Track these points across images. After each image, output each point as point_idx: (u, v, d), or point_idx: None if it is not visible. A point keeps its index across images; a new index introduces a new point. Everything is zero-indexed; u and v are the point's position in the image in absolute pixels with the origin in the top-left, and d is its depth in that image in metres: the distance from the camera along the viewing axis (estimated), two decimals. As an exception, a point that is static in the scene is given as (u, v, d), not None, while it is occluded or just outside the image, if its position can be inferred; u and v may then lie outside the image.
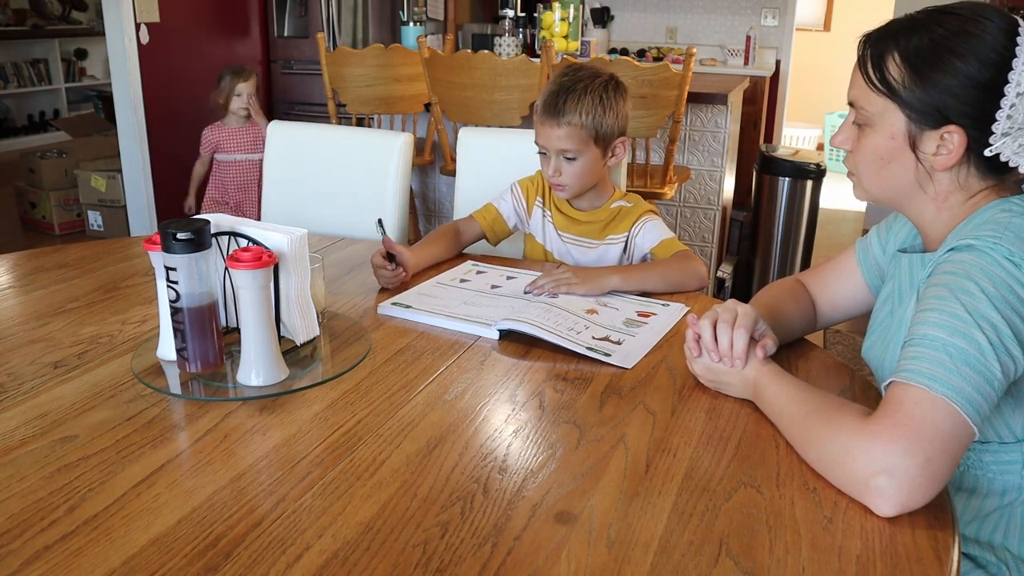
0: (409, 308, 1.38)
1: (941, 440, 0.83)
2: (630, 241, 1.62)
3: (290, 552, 0.78)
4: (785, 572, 0.77)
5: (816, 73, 6.88)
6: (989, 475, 1.03)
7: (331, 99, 3.37)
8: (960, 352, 0.86)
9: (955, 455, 0.84)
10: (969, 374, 0.85)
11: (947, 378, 0.85)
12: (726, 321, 1.07)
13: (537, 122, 1.58)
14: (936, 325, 0.89)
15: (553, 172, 1.57)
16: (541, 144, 1.58)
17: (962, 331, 0.87)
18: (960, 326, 0.88)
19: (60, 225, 4.60)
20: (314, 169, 2.06)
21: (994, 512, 1.03)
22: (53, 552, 0.78)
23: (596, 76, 1.56)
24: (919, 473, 0.82)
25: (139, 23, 3.99)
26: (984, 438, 1.01)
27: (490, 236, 1.71)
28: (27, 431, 0.99)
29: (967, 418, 0.84)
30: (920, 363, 0.87)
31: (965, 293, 0.89)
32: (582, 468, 0.93)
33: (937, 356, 0.87)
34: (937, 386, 0.85)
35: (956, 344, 0.87)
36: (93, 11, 7.13)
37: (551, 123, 1.54)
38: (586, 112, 1.52)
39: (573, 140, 1.53)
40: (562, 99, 1.53)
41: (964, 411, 0.84)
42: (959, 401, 0.84)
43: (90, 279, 1.53)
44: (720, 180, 3.44)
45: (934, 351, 0.87)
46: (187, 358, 1.10)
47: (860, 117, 1.03)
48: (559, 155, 1.55)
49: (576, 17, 5.14)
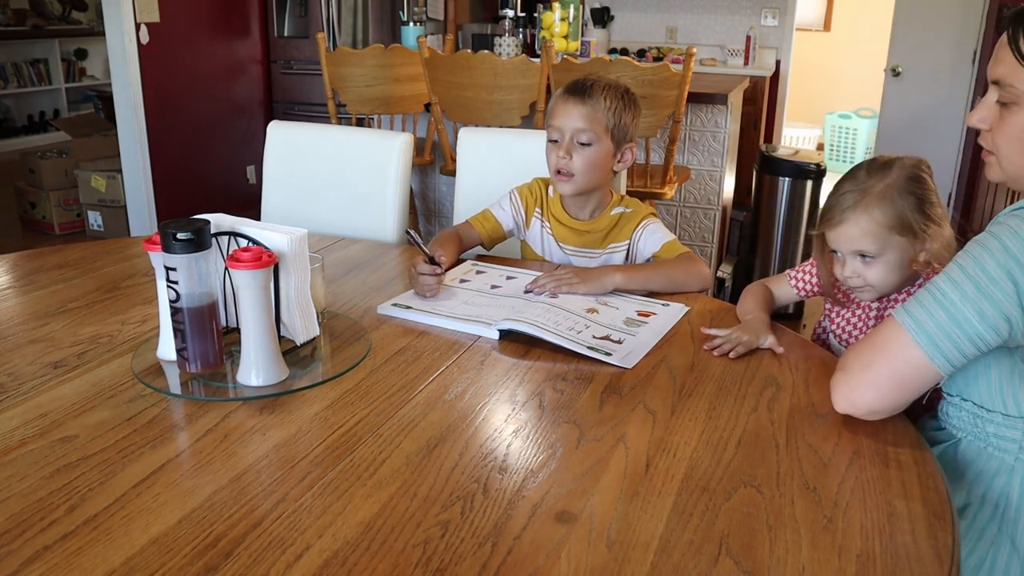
0: (409, 308, 1.38)
1: (885, 354, 1.00)
2: (632, 247, 1.62)
3: (290, 552, 0.78)
4: (785, 572, 0.77)
5: (816, 73, 6.88)
6: (989, 449, 1.05)
7: (331, 99, 3.37)
8: (940, 293, 0.97)
9: (900, 374, 0.99)
10: (938, 312, 0.97)
11: (914, 311, 0.99)
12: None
13: (556, 103, 1.57)
14: (944, 271, 1.00)
15: (564, 154, 1.54)
16: (557, 125, 1.55)
17: (954, 277, 0.97)
18: (955, 272, 0.97)
19: (60, 225, 4.60)
20: (314, 169, 2.06)
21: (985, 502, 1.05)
22: (53, 552, 0.78)
23: (616, 82, 1.60)
24: (859, 373, 1.01)
25: (139, 23, 3.99)
26: (990, 406, 1.04)
27: (487, 243, 1.70)
28: (27, 431, 0.99)
29: (920, 347, 0.97)
30: (913, 297, 1.01)
31: (981, 246, 0.96)
32: (582, 468, 0.93)
33: (923, 294, 1.00)
34: (902, 316, 1.00)
35: (940, 286, 0.98)
36: (93, 11, 7.13)
37: (575, 100, 1.54)
38: (610, 100, 1.55)
39: (592, 122, 1.54)
40: (589, 83, 1.55)
41: (916, 340, 0.97)
42: (913, 329, 0.98)
43: (90, 279, 1.53)
44: (720, 180, 3.44)
45: (926, 290, 1.00)
46: (187, 358, 1.10)
47: (1007, 95, 0.99)
48: (574, 138, 1.54)
49: (576, 17, 5.14)
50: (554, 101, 1.58)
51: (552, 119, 1.57)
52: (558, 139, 1.56)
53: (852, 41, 6.88)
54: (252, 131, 4.81)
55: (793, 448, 0.98)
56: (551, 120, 1.57)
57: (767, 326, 1.30)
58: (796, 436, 1.01)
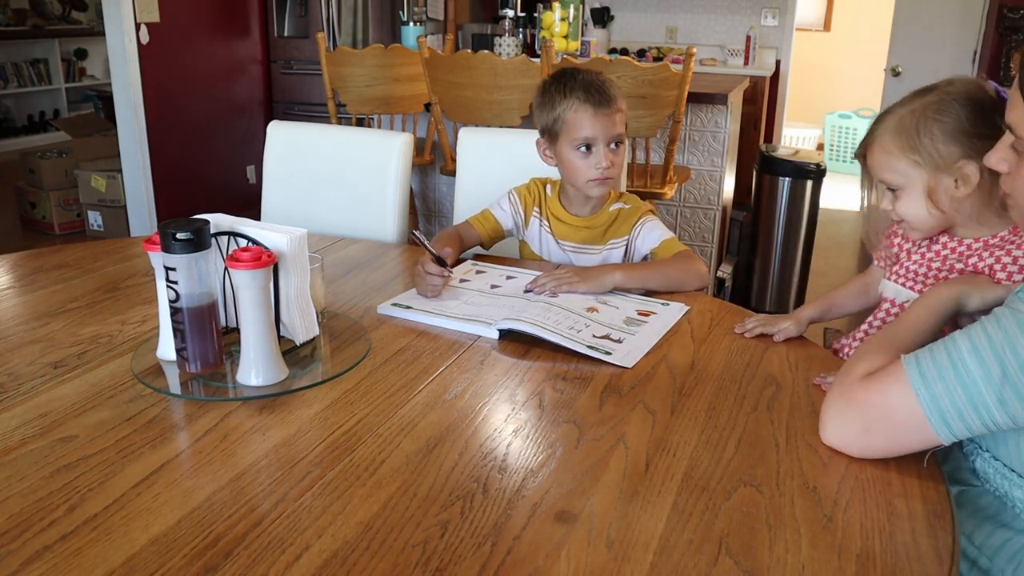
0: (409, 308, 1.38)
1: (890, 423, 0.92)
2: (630, 243, 1.62)
3: (290, 552, 0.78)
4: (785, 571, 0.77)
5: (816, 73, 6.89)
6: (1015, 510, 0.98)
7: (331, 99, 3.37)
8: (962, 367, 0.88)
9: (898, 440, 0.93)
10: (956, 391, 0.88)
11: (933, 382, 0.89)
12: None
13: (582, 116, 1.54)
14: (969, 332, 0.90)
15: (607, 163, 1.55)
16: (588, 136, 1.54)
17: (981, 351, 0.87)
18: (982, 344, 0.87)
19: (60, 225, 4.60)
20: (314, 169, 2.06)
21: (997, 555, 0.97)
22: (53, 552, 0.78)
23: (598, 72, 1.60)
24: (855, 437, 0.95)
25: (139, 23, 3.99)
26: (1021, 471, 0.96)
27: (487, 243, 1.70)
28: (27, 431, 0.99)
29: (929, 423, 0.89)
30: (930, 353, 0.91)
31: (1017, 320, 0.86)
32: (582, 467, 0.93)
33: (944, 359, 0.89)
34: (918, 381, 0.90)
35: (964, 358, 0.88)
36: (93, 11, 7.13)
37: (604, 110, 1.54)
38: (618, 92, 1.58)
39: (622, 124, 1.57)
40: (606, 86, 1.56)
41: (928, 415, 0.89)
42: (927, 405, 0.89)
43: (90, 279, 1.53)
44: (720, 180, 3.44)
45: (947, 353, 0.90)
46: (187, 358, 1.10)
47: (1020, 144, 0.95)
48: (609, 144, 1.55)
49: (576, 17, 5.14)
50: (571, 113, 1.54)
51: (578, 131, 1.54)
52: (590, 148, 1.55)
53: (852, 41, 6.89)
54: (252, 131, 4.81)
55: (793, 447, 0.98)
56: (577, 132, 1.54)
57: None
58: (796, 436, 1.01)
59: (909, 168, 1.14)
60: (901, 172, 1.15)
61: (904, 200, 1.16)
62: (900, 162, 1.14)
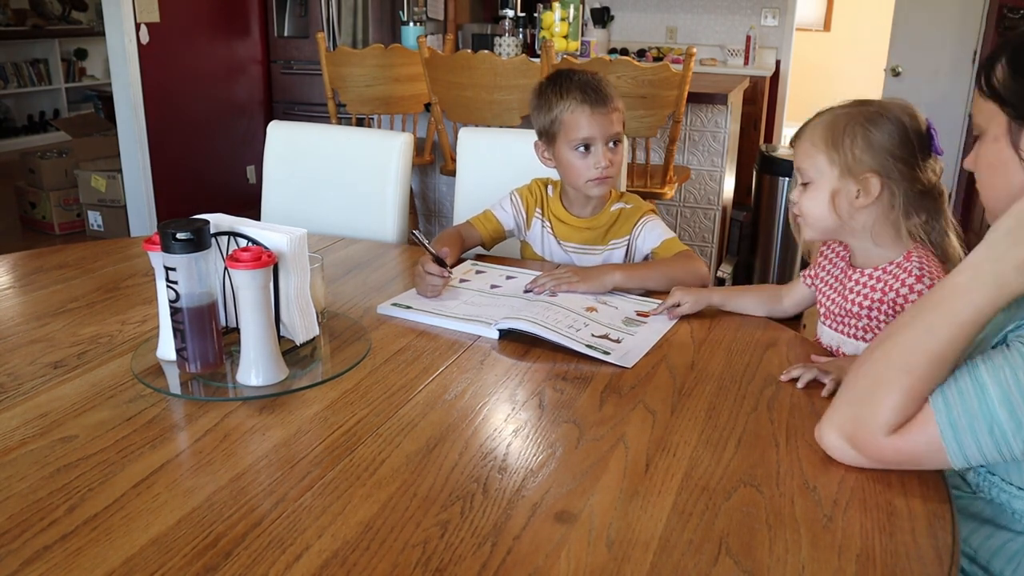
0: (409, 308, 1.38)
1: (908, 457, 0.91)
2: (631, 243, 1.62)
3: (290, 552, 0.78)
4: (785, 571, 0.77)
5: (816, 73, 6.88)
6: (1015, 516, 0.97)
7: (331, 99, 3.37)
8: (988, 402, 0.86)
9: (911, 465, 0.92)
10: (978, 424, 0.86)
11: (956, 417, 0.87)
12: None
13: (579, 116, 1.54)
14: (996, 368, 0.87)
15: (606, 162, 1.55)
16: (588, 136, 1.55)
17: (1006, 385, 0.85)
18: (1007, 379, 0.85)
19: (60, 225, 4.60)
20: (314, 169, 2.06)
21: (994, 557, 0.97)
22: (53, 552, 0.78)
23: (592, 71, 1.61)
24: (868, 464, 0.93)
25: (139, 23, 3.99)
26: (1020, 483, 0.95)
27: (488, 243, 1.70)
28: (27, 431, 0.99)
29: (949, 458, 0.88)
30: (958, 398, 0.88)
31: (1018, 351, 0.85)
32: (582, 467, 0.93)
33: (966, 391, 0.87)
34: (943, 416, 0.88)
35: (989, 392, 0.86)
36: (93, 11, 7.13)
37: (602, 110, 1.54)
38: (619, 97, 1.58)
39: (619, 123, 1.58)
40: (602, 86, 1.56)
41: (950, 452, 0.88)
42: (951, 447, 0.87)
43: (90, 279, 1.53)
44: (720, 180, 3.44)
45: (972, 387, 0.87)
46: (187, 358, 1.10)
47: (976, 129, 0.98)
48: (607, 143, 1.56)
49: (576, 17, 5.14)
50: (569, 114, 1.55)
51: (576, 132, 1.55)
52: (588, 148, 1.55)
53: (852, 41, 6.89)
54: (252, 131, 4.81)
55: (793, 447, 0.98)
56: (575, 133, 1.55)
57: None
58: (796, 435, 1.01)
59: (824, 164, 1.19)
60: (816, 166, 1.20)
61: (810, 195, 1.21)
62: (818, 156, 1.19)
